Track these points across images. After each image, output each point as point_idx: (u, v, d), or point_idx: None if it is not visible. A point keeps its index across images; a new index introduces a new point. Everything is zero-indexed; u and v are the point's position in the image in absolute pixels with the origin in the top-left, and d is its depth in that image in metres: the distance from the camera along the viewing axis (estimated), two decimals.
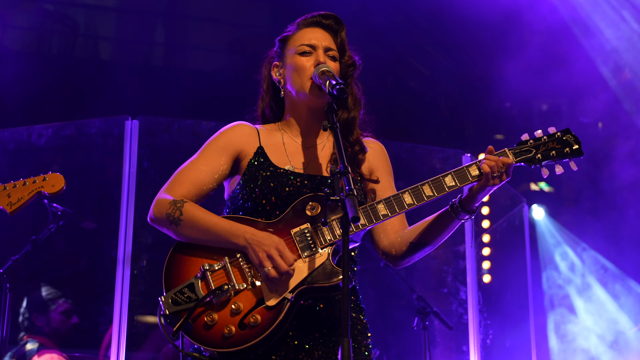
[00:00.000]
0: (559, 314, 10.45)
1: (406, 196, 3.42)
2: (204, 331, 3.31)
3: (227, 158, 3.64)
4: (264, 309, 3.30)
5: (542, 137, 3.54)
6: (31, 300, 8.33)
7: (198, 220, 3.44)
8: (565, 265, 10.63)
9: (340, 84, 3.34)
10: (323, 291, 3.35)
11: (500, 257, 9.87)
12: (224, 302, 3.34)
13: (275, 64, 3.78)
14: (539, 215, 10.69)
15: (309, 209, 3.42)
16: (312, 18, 3.76)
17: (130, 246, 7.51)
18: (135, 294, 7.97)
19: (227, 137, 3.69)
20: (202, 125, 8.68)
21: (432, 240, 3.59)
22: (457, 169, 3.46)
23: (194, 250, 3.46)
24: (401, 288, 8.40)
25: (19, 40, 11.41)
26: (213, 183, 3.61)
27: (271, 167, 3.57)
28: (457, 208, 3.49)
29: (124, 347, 7.26)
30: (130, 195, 7.58)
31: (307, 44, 3.67)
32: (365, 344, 3.53)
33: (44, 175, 4.38)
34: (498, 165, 3.41)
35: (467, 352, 8.65)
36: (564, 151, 3.52)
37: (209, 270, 3.37)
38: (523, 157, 3.51)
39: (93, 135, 8.59)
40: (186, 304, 3.33)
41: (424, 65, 11.33)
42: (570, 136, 3.55)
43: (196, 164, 3.63)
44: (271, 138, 3.71)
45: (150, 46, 12.36)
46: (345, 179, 3.07)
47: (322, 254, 3.36)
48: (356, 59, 3.77)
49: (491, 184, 3.41)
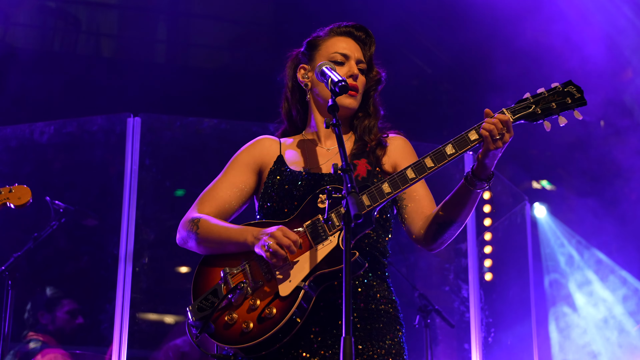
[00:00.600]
0: (561, 312, 10.45)
1: (409, 171, 3.40)
2: (225, 330, 3.35)
3: (250, 173, 3.72)
4: (279, 301, 3.33)
5: (542, 93, 3.47)
6: (36, 298, 8.34)
7: (211, 230, 3.53)
8: (567, 264, 10.63)
9: (342, 81, 3.35)
10: (337, 276, 3.34)
11: (502, 255, 9.87)
12: (243, 301, 3.38)
13: (302, 66, 3.80)
14: (540, 214, 10.68)
15: (320, 202, 3.45)
16: (345, 28, 3.79)
17: (132, 243, 7.52)
18: (137, 292, 7.98)
19: (249, 152, 3.77)
20: (204, 122, 8.69)
21: (457, 217, 3.51)
22: (456, 137, 3.41)
23: (217, 261, 3.52)
24: (403, 286, 8.38)
25: (21, 37, 11.42)
26: (237, 200, 3.70)
27: (287, 170, 3.63)
28: (472, 179, 3.43)
29: (125, 344, 7.27)
30: (132, 193, 7.59)
31: (341, 53, 3.71)
32: (391, 338, 3.52)
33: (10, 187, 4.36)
34: (498, 127, 3.33)
35: (468, 350, 8.65)
36: (566, 101, 3.45)
37: (229, 273, 3.43)
38: (522, 113, 3.42)
39: (95, 132, 8.59)
40: (210, 309, 3.37)
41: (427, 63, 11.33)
42: (573, 87, 3.49)
43: (219, 183, 3.72)
44: (292, 146, 3.77)
45: (152, 43, 12.35)
46: (347, 177, 3.09)
47: (332, 240, 3.38)
48: (382, 76, 3.83)
49: (493, 148, 3.34)
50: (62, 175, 9.04)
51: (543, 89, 3.48)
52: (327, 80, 3.45)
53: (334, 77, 3.41)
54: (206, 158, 8.68)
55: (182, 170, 8.89)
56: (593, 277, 10.46)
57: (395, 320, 3.56)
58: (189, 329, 3.43)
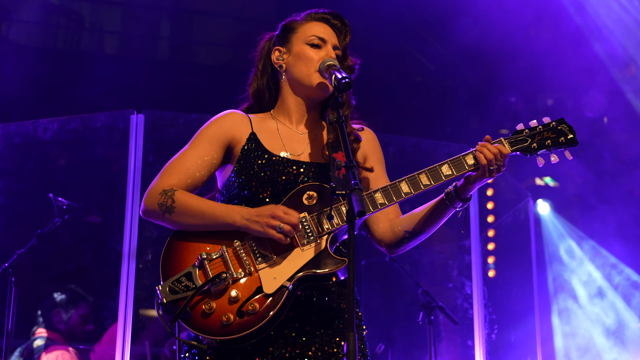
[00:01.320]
0: (564, 309, 10.44)
1: (403, 185, 3.43)
2: (203, 319, 3.32)
3: (218, 147, 3.63)
4: (263, 297, 3.31)
5: (537, 127, 3.56)
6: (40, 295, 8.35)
7: (192, 205, 3.45)
8: (570, 260, 10.62)
9: (347, 77, 3.35)
10: (321, 279, 3.35)
11: (505, 252, 9.87)
12: (222, 290, 3.34)
13: (277, 48, 3.76)
14: (544, 210, 10.68)
15: (307, 199, 3.42)
16: (322, 14, 3.77)
17: (136, 240, 7.52)
18: (140, 288, 7.98)
19: (218, 125, 3.69)
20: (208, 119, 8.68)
21: (427, 229, 3.59)
22: (453, 158, 3.47)
23: (191, 238, 3.46)
24: (406, 283, 8.40)
25: (25, 34, 11.42)
26: (204, 173, 3.59)
27: (266, 154, 3.56)
28: (453, 196, 3.49)
29: (129, 341, 7.27)
30: (135, 190, 7.59)
31: (318, 37, 3.68)
32: (359, 336, 3.49)
33: None
34: (497, 157, 3.42)
35: (472, 347, 8.65)
36: (559, 140, 3.55)
37: (206, 259, 3.37)
38: (519, 146, 3.53)
39: (98, 129, 8.59)
40: (184, 293, 3.34)
41: (430, 60, 11.33)
42: (565, 126, 3.57)
43: (186, 155, 3.61)
44: (264, 124, 3.70)
45: (155, 40, 12.36)
46: (351, 173, 3.07)
47: (320, 242, 3.37)
48: (356, 65, 3.79)
49: (488, 176, 3.44)
50: (66, 172, 9.05)
51: (536, 123, 3.58)
52: (330, 77, 3.44)
53: (338, 73, 3.40)
54: None
55: None
56: (596, 273, 10.45)
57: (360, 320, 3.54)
58: (158, 309, 3.35)
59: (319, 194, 3.43)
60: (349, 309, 2.88)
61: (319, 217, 3.39)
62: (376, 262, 8.91)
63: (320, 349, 3.40)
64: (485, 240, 9.53)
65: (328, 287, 3.46)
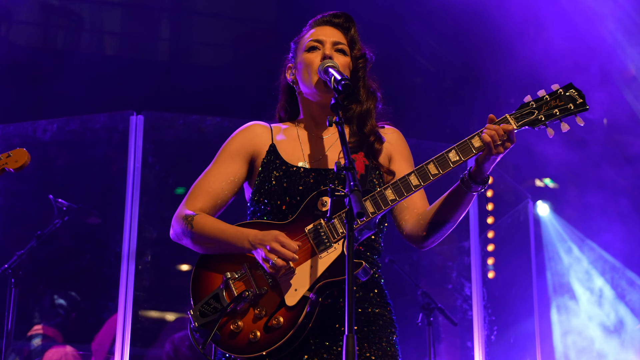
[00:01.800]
0: (564, 310, 10.44)
1: (412, 178, 3.38)
2: (230, 340, 3.34)
3: (241, 162, 3.68)
4: (285, 310, 3.30)
5: (544, 96, 3.42)
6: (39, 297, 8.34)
7: (206, 230, 3.49)
8: (570, 262, 10.62)
9: (346, 79, 3.33)
10: (339, 284, 3.32)
11: (504, 253, 9.87)
12: (247, 308, 3.36)
13: (289, 65, 3.79)
14: (543, 212, 10.68)
15: (321, 205, 3.41)
16: (322, 18, 3.78)
17: (135, 241, 7.52)
18: (139, 289, 7.99)
19: (239, 140, 3.73)
20: (207, 120, 8.69)
21: (450, 217, 3.51)
22: (460, 143, 3.39)
23: (216, 263, 3.49)
24: (406, 284, 8.39)
25: (24, 35, 11.42)
26: (229, 192, 3.65)
27: (283, 165, 3.58)
28: (468, 181, 3.43)
29: (128, 342, 7.27)
30: (135, 191, 7.60)
31: (315, 40, 3.68)
32: (387, 340, 3.49)
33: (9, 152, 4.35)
34: (499, 133, 3.33)
35: (471, 348, 8.65)
36: (568, 107, 3.41)
37: (230, 278, 3.39)
38: (525, 120, 3.40)
39: (98, 130, 8.59)
40: (213, 315, 3.36)
41: (429, 61, 11.32)
42: (574, 90, 3.44)
43: (210, 175, 3.67)
44: (285, 134, 3.73)
45: (155, 41, 12.35)
46: (350, 175, 3.06)
47: (336, 248, 3.34)
48: (366, 52, 3.76)
49: (495, 153, 3.34)
50: (65, 173, 9.04)
51: (544, 92, 3.44)
52: (330, 79, 3.43)
53: (337, 75, 3.39)
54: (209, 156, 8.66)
55: (184, 168, 8.88)
56: (596, 275, 10.45)
57: (390, 324, 3.54)
58: (192, 334, 3.40)
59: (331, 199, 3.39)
60: (349, 309, 2.87)
61: (332, 223, 3.37)
62: None
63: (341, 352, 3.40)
64: (484, 241, 9.52)
65: None
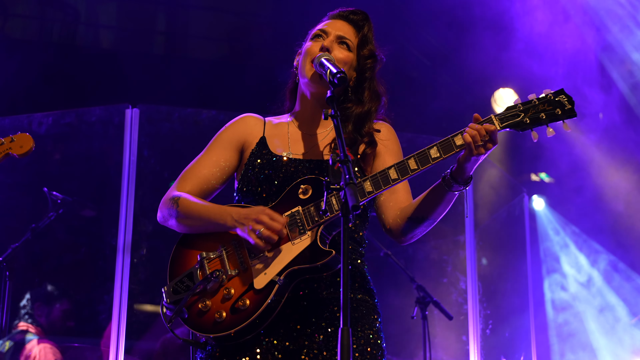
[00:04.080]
0: (559, 305, 10.46)
1: (391, 172, 3.38)
2: (198, 318, 3.37)
3: (232, 151, 3.71)
4: (253, 293, 3.33)
5: (532, 100, 3.40)
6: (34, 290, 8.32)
7: (191, 209, 3.52)
8: (565, 256, 10.63)
9: (341, 72, 3.32)
10: (313, 272, 3.34)
11: (500, 248, 9.88)
12: (217, 289, 3.38)
13: (299, 51, 3.79)
14: (539, 206, 10.68)
15: (301, 193, 3.43)
16: (339, 12, 3.78)
17: (130, 234, 7.52)
18: (135, 283, 7.99)
19: (232, 130, 3.76)
20: (203, 113, 8.68)
21: (430, 215, 3.52)
22: (442, 140, 3.37)
23: (195, 242, 3.53)
24: (401, 278, 8.39)
25: (20, 28, 11.39)
26: (219, 178, 3.69)
27: (268, 154, 3.61)
28: (449, 180, 3.42)
29: (123, 335, 7.27)
30: (130, 184, 7.58)
31: (320, 29, 3.69)
32: (370, 327, 3.51)
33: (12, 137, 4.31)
34: (481, 133, 3.29)
35: (466, 342, 8.66)
36: (555, 112, 3.37)
37: (205, 258, 3.43)
38: (510, 122, 3.37)
39: (93, 123, 8.58)
40: (185, 292, 3.39)
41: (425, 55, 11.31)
42: (564, 96, 3.40)
43: (201, 161, 3.72)
44: (277, 128, 3.74)
45: (151, 34, 12.33)
46: (346, 168, 3.05)
47: (309, 235, 3.36)
48: (376, 53, 3.74)
49: (475, 154, 3.31)
50: (61, 166, 9.04)
51: (534, 96, 3.41)
52: (325, 72, 3.42)
53: (332, 68, 3.38)
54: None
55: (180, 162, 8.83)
56: (591, 269, 10.46)
57: (373, 309, 3.56)
58: (162, 310, 3.44)
59: (313, 187, 3.42)
60: (344, 303, 2.86)
61: (309, 210, 3.39)
62: (371, 257, 8.89)
63: (325, 340, 3.40)
64: (480, 235, 9.53)
65: (333, 278, 3.45)
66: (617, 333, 10.09)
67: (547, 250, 10.69)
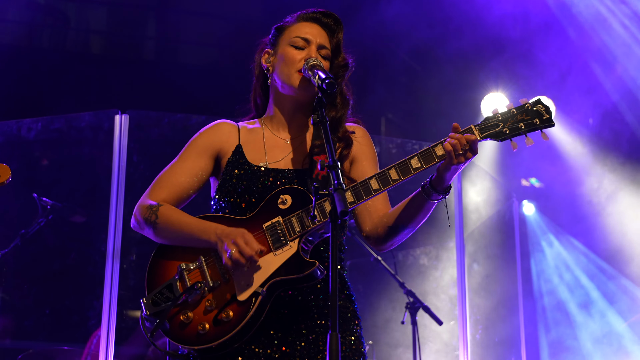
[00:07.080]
0: (549, 310, 10.47)
1: (373, 182, 3.37)
2: (181, 330, 3.35)
3: (207, 159, 3.67)
4: (236, 305, 3.31)
5: (510, 110, 3.41)
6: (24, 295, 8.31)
7: (172, 222, 3.48)
8: (555, 261, 10.65)
9: (330, 78, 3.32)
10: (295, 283, 3.34)
11: (490, 253, 9.89)
12: (199, 300, 3.37)
13: (267, 50, 3.76)
14: (529, 211, 10.70)
15: (280, 203, 3.41)
16: (312, 14, 3.74)
17: (120, 240, 7.50)
18: (124, 288, 7.96)
19: (206, 137, 3.71)
20: (192, 119, 8.68)
21: (409, 223, 3.52)
22: (423, 150, 3.38)
23: (173, 253, 3.49)
24: (391, 283, 8.40)
25: (10, 33, 11.38)
26: (193, 185, 3.65)
27: (246, 165, 3.58)
28: (429, 189, 3.42)
29: (112, 341, 7.25)
30: (120, 189, 7.57)
31: (302, 37, 3.66)
32: (350, 333, 3.50)
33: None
34: (461, 142, 3.31)
35: (456, 347, 8.66)
36: (534, 122, 3.38)
37: (185, 269, 3.40)
38: (489, 132, 3.38)
39: (83, 129, 8.57)
40: (164, 304, 3.36)
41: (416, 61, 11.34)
42: (541, 106, 3.42)
43: (176, 168, 3.66)
44: (251, 134, 3.71)
45: (141, 40, 12.33)
46: (334, 173, 3.05)
47: (291, 246, 3.35)
48: (349, 61, 3.74)
49: (455, 163, 3.32)
50: (50, 171, 9.02)
51: (512, 106, 3.43)
52: (314, 78, 3.41)
53: (321, 74, 3.38)
54: None
55: None
56: (582, 275, 10.48)
57: (353, 316, 3.55)
58: (142, 322, 3.41)
59: (293, 197, 3.41)
60: (332, 309, 2.87)
61: (290, 221, 3.38)
62: (360, 262, 8.91)
63: (306, 347, 3.40)
64: (470, 240, 9.54)
65: (314, 285, 3.44)
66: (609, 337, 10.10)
67: (537, 255, 10.71)
